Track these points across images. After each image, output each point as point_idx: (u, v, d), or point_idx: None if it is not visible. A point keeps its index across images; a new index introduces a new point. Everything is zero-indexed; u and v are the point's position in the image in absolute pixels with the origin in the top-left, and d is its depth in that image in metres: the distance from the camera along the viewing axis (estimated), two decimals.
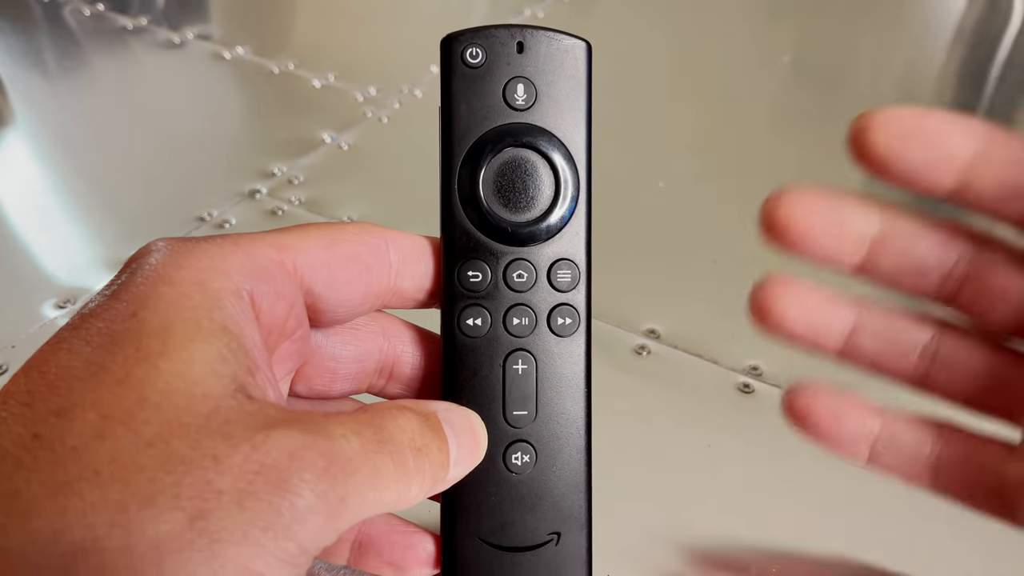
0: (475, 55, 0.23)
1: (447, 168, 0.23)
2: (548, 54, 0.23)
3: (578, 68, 0.23)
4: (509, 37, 0.23)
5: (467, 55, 0.23)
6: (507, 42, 0.23)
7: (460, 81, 0.23)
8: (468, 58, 0.23)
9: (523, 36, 0.23)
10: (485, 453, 0.22)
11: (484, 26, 0.23)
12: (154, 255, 0.20)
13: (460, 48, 0.23)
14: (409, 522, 0.24)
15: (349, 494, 0.17)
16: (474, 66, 0.23)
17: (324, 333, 0.24)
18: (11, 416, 0.17)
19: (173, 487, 0.16)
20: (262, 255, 0.20)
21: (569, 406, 0.23)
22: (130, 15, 0.69)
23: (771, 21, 0.79)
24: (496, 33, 0.23)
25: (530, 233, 0.23)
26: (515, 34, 0.23)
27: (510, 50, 0.23)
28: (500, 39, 0.23)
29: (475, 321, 0.23)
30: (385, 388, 0.25)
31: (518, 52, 0.23)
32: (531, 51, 0.23)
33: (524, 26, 0.23)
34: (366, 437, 0.18)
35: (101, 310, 0.18)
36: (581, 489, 0.23)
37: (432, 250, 0.24)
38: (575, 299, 0.23)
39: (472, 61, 0.23)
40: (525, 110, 0.23)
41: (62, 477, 0.16)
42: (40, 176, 0.53)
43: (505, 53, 0.23)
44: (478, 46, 0.23)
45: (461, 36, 0.23)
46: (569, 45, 0.23)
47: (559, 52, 0.23)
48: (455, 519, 0.23)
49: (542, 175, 0.23)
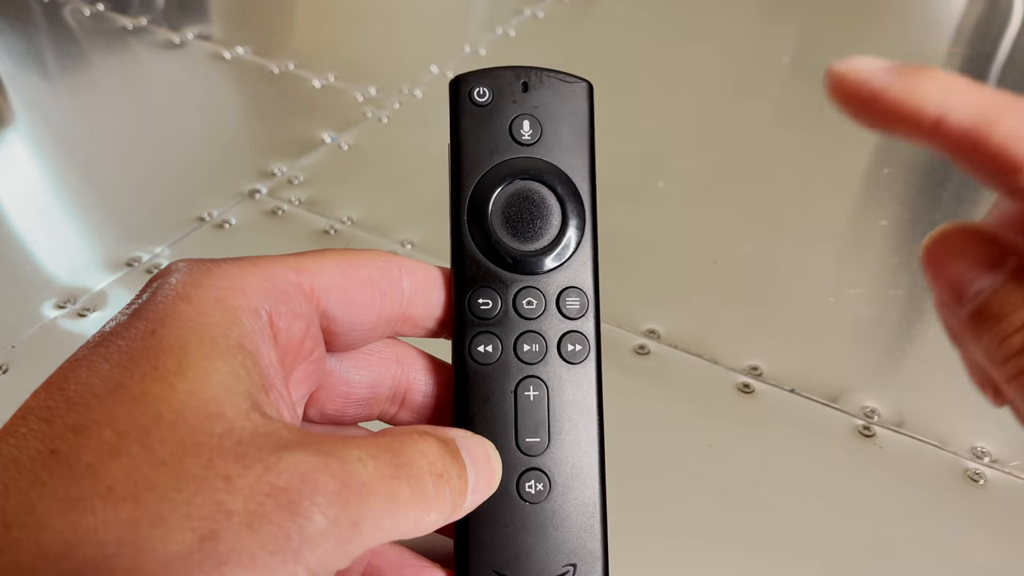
0: (482, 94, 0.24)
1: (457, 200, 0.24)
2: (552, 93, 0.24)
3: (580, 106, 0.24)
4: (515, 77, 0.24)
5: (475, 94, 0.24)
6: (513, 82, 0.24)
7: (468, 119, 0.24)
8: (476, 97, 0.24)
9: (528, 76, 0.24)
10: (500, 481, 0.22)
11: (491, 68, 0.24)
12: (174, 275, 0.20)
13: (468, 88, 0.24)
14: (421, 555, 0.24)
15: (363, 519, 0.17)
16: (481, 104, 0.24)
17: (338, 358, 0.24)
18: (30, 432, 0.17)
19: (184, 506, 0.16)
20: (280, 276, 0.21)
21: (581, 433, 0.24)
22: (130, 15, 0.69)
23: (771, 21, 0.79)
24: (502, 74, 0.24)
25: (538, 262, 0.24)
26: (520, 74, 0.24)
27: (516, 89, 0.24)
28: (506, 79, 0.24)
29: (486, 348, 0.23)
30: (397, 415, 0.25)
31: (523, 91, 0.24)
32: (536, 90, 0.24)
33: (529, 68, 0.24)
34: (382, 461, 0.18)
35: (121, 328, 0.19)
36: (596, 518, 0.23)
37: (444, 280, 0.24)
38: (584, 326, 0.24)
39: (479, 100, 0.24)
40: (531, 145, 0.24)
41: (76, 493, 0.16)
42: (40, 176, 0.53)
43: (511, 92, 0.24)
44: (485, 86, 0.24)
45: (469, 77, 0.24)
46: (572, 84, 0.24)
47: (562, 91, 0.24)
48: (469, 550, 0.23)
49: (549, 206, 0.24)
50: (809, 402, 0.38)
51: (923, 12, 0.83)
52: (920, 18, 0.82)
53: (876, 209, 0.55)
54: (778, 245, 0.49)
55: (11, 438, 0.17)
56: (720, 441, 0.36)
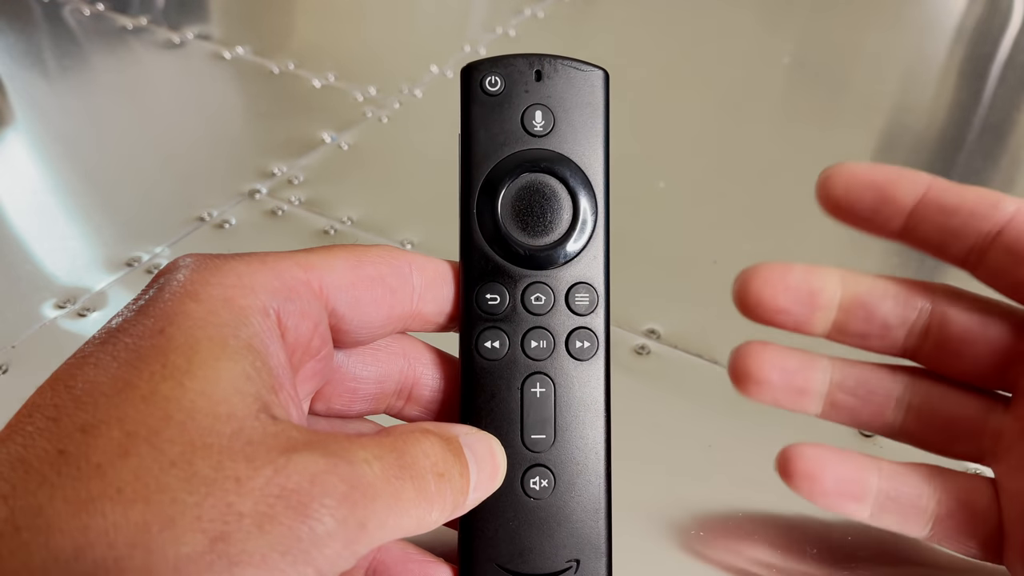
0: (494, 83, 0.23)
1: (466, 193, 0.23)
2: (566, 82, 0.23)
3: (596, 95, 0.24)
4: (527, 66, 0.23)
5: (486, 83, 0.23)
6: (525, 70, 0.23)
7: (479, 108, 0.23)
8: (487, 86, 0.23)
9: (541, 65, 0.23)
10: (504, 478, 0.22)
11: (503, 56, 0.23)
12: (182, 271, 0.20)
13: (480, 76, 0.23)
14: (425, 550, 0.24)
15: (369, 520, 0.17)
16: (493, 94, 0.23)
17: (346, 353, 0.24)
18: (37, 431, 0.17)
19: (195, 508, 0.16)
20: (289, 274, 0.20)
21: (588, 430, 0.23)
22: (130, 15, 0.69)
23: (771, 22, 0.79)
24: (515, 62, 0.23)
25: (548, 257, 0.23)
26: (533, 63, 0.23)
27: (528, 78, 0.23)
28: (518, 68, 0.23)
29: (493, 344, 0.23)
30: (403, 409, 0.25)
31: (536, 80, 0.23)
32: (549, 79, 0.23)
33: (542, 55, 0.23)
34: (388, 462, 0.18)
35: (128, 325, 0.18)
36: (600, 515, 0.23)
37: (453, 274, 0.24)
38: (593, 323, 0.23)
39: (491, 89, 0.23)
40: (543, 136, 0.23)
41: (85, 495, 0.16)
42: (40, 176, 0.53)
43: (523, 81, 0.23)
44: (497, 74, 0.23)
45: (481, 65, 0.23)
46: (587, 73, 0.24)
47: (577, 80, 0.24)
48: (473, 545, 0.23)
49: (560, 200, 0.23)
50: None
51: (923, 12, 0.83)
52: (920, 18, 0.82)
53: None
54: (778, 245, 0.49)
55: (18, 436, 0.17)
56: (721, 441, 0.36)
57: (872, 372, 0.23)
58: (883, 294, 0.23)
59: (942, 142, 0.63)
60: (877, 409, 0.23)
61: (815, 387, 0.23)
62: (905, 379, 0.23)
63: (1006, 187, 0.60)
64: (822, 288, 0.23)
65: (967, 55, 0.75)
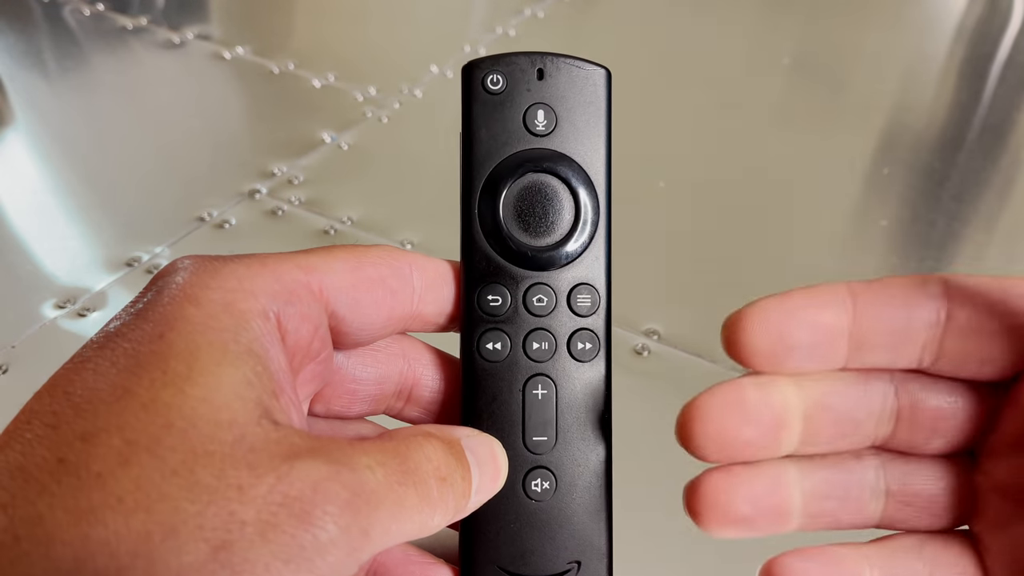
0: (496, 81, 0.23)
1: (467, 193, 0.23)
2: (568, 81, 0.23)
3: (598, 94, 0.23)
4: (529, 64, 0.23)
5: (488, 82, 0.23)
6: (527, 69, 0.23)
7: (480, 107, 0.23)
8: (489, 84, 0.23)
9: (543, 63, 0.23)
10: (505, 480, 0.22)
11: (505, 53, 0.23)
12: (180, 273, 0.19)
13: (481, 75, 0.23)
14: (426, 552, 0.24)
15: (372, 527, 0.17)
16: (495, 92, 0.23)
17: (345, 354, 0.23)
18: (36, 438, 0.16)
19: (197, 517, 0.15)
20: (289, 276, 0.20)
21: (589, 432, 0.23)
22: (130, 15, 0.69)
23: (771, 21, 0.79)
24: (516, 60, 0.23)
25: (550, 258, 0.23)
26: (535, 61, 0.23)
27: (530, 77, 0.23)
28: (520, 66, 0.23)
29: (494, 345, 0.23)
30: (403, 410, 0.25)
31: (538, 79, 0.23)
32: (551, 78, 0.23)
33: (544, 53, 0.23)
34: (390, 468, 0.18)
35: (127, 329, 0.18)
36: (601, 517, 0.23)
37: (454, 275, 0.23)
38: (595, 324, 0.23)
39: (493, 87, 0.23)
40: (545, 136, 0.23)
41: (86, 504, 0.15)
42: (40, 176, 0.53)
43: (525, 80, 0.23)
44: (499, 73, 0.23)
45: (482, 63, 0.23)
46: (589, 72, 0.23)
47: (579, 79, 0.23)
48: (474, 547, 0.23)
49: (562, 200, 0.23)
50: None
51: (923, 12, 0.83)
52: (920, 18, 0.82)
53: (876, 209, 0.55)
54: (778, 245, 0.49)
55: (16, 444, 0.16)
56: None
57: (840, 465, 0.21)
58: (844, 388, 0.20)
59: (942, 142, 0.63)
60: (856, 505, 0.21)
61: (791, 505, 0.21)
62: (874, 463, 0.22)
63: (1006, 187, 0.60)
64: (783, 404, 0.20)
65: (967, 55, 0.75)
